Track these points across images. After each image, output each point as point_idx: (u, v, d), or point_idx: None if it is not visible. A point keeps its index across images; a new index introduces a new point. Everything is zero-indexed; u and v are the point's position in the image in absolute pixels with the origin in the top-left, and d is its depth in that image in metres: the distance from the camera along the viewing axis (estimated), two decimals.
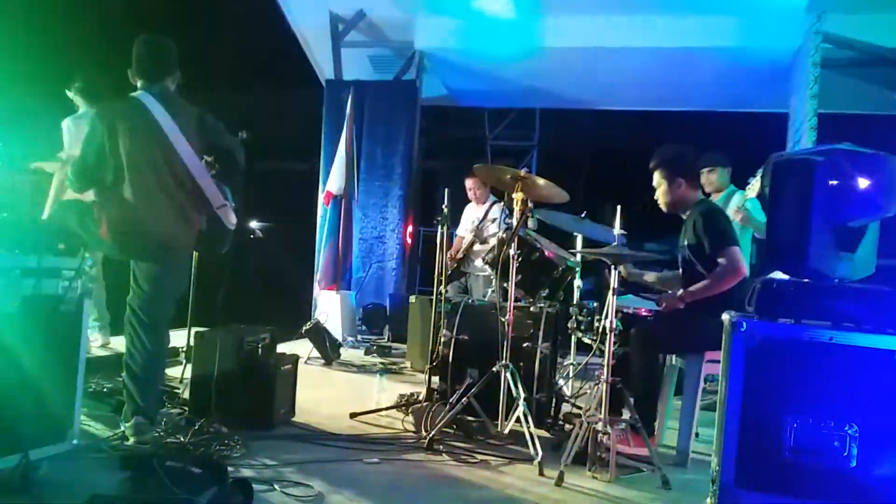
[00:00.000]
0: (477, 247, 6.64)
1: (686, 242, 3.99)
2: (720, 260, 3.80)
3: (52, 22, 7.26)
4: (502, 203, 6.80)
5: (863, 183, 2.67)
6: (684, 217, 4.08)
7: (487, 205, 6.82)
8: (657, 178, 4.08)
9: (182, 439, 3.48)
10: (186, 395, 4.06)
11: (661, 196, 4.09)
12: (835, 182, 2.68)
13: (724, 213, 4.18)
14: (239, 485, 2.76)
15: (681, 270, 4.08)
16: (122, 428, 3.44)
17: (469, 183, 6.81)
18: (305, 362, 5.95)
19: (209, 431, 3.57)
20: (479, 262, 6.75)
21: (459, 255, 6.55)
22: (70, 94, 5.16)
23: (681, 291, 3.89)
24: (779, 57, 7.69)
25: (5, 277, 2.91)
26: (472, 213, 6.91)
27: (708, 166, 5.60)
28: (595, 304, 4.27)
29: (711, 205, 4.16)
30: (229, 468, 2.99)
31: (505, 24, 8.24)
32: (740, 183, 5.59)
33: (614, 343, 3.55)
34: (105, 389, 4.22)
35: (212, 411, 3.76)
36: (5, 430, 2.80)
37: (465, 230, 6.84)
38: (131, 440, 3.37)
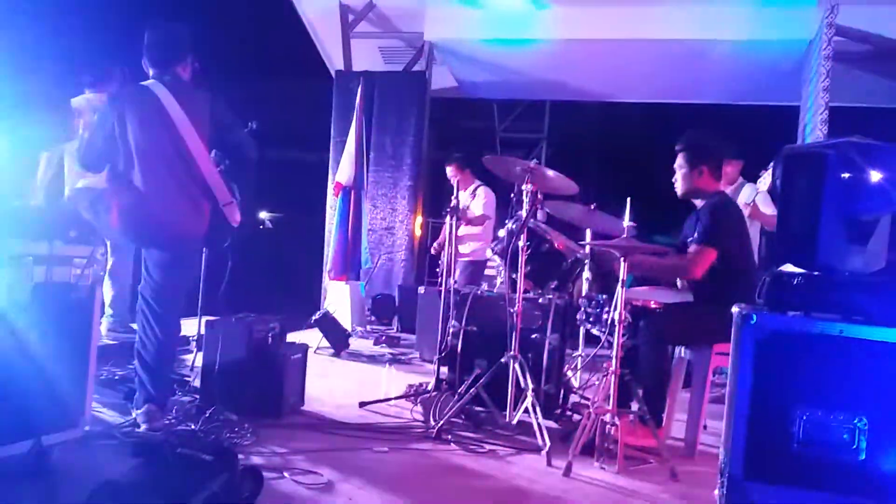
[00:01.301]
0: (462, 231, 6.69)
1: (693, 233, 3.96)
2: (689, 250, 3.80)
3: (63, 11, 7.28)
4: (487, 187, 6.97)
5: (875, 176, 2.66)
6: (698, 206, 4.06)
7: (472, 188, 6.92)
8: (680, 161, 4.01)
9: (193, 427, 3.51)
10: (197, 383, 4.09)
11: (679, 180, 4.03)
12: (846, 175, 2.67)
13: (733, 210, 4.05)
14: (249, 472, 2.78)
15: None
16: (134, 415, 3.47)
17: (449, 171, 6.96)
18: (315, 352, 5.97)
19: (219, 419, 3.59)
20: (462, 248, 6.83)
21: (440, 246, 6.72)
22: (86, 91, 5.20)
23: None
24: (791, 50, 7.65)
25: (17, 264, 2.93)
26: (462, 200, 6.99)
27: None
28: (604, 296, 4.27)
29: (725, 199, 4.08)
30: (239, 456, 3.01)
31: (516, 16, 8.21)
32: (751, 175, 5.57)
33: (623, 335, 3.55)
34: (117, 377, 4.25)
35: (222, 399, 3.78)
36: (18, 416, 2.82)
37: None
38: (142, 427, 3.40)
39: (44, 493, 2.65)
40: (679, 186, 4.04)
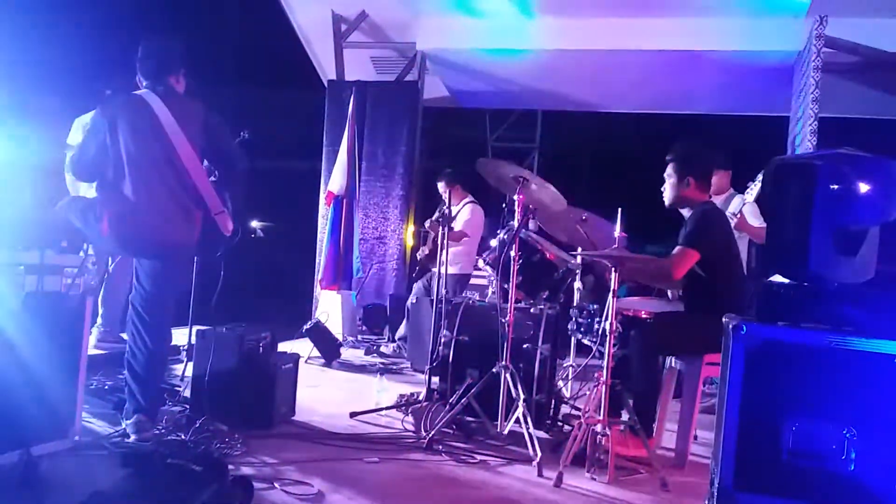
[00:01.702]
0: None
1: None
2: (673, 251, 3.79)
3: (57, 20, 7.28)
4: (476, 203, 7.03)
5: (863, 187, 2.68)
6: (686, 216, 4.07)
7: (461, 203, 6.97)
8: (668, 170, 4.03)
9: (183, 437, 3.50)
10: (187, 393, 4.07)
11: (667, 189, 4.04)
12: (836, 186, 2.69)
13: (719, 218, 4.03)
14: (239, 483, 2.78)
15: None
16: (124, 425, 3.46)
17: (440, 186, 7.05)
18: (306, 361, 5.96)
19: (210, 429, 3.58)
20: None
21: (426, 252, 6.81)
22: None
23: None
24: (780, 61, 7.69)
25: (8, 274, 2.92)
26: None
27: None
28: (595, 306, 4.28)
29: (713, 208, 4.09)
30: (230, 466, 3.00)
31: (508, 26, 8.25)
32: (741, 186, 5.58)
33: (614, 345, 3.56)
34: (106, 387, 4.23)
35: (212, 409, 3.77)
36: (7, 425, 2.81)
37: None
38: (132, 437, 3.38)
39: None
40: (667, 196, 4.06)
